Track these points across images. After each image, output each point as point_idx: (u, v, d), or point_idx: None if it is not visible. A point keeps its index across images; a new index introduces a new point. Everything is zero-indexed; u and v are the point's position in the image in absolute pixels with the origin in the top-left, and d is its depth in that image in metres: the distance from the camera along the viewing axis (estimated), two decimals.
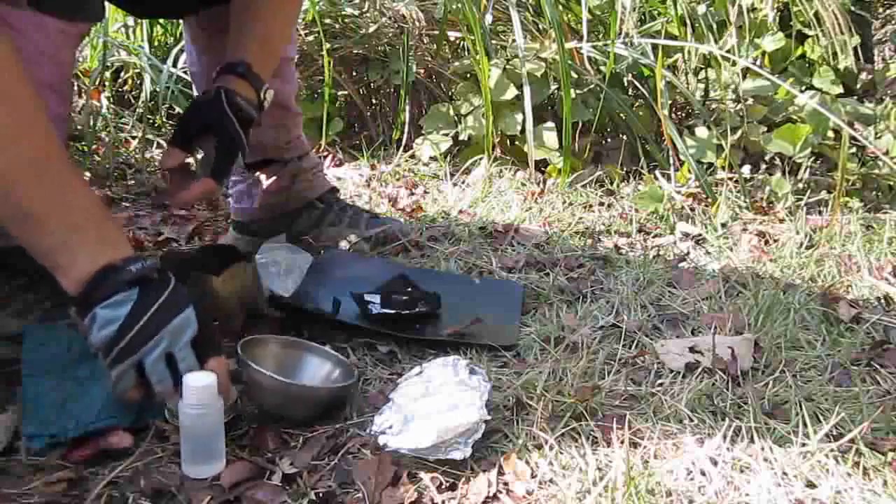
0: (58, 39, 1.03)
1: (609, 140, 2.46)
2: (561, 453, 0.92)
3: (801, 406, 1.00)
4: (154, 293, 0.89)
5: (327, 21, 2.51)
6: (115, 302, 0.88)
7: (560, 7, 2.51)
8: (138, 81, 2.45)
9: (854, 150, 2.18)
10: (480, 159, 2.22)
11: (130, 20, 2.54)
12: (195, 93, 1.56)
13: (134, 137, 2.34)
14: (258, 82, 1.21)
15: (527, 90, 2.13)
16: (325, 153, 2.40)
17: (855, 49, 2.30)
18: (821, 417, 1.00)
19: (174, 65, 2.21)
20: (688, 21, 2.35)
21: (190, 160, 1.24)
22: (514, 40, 2.28)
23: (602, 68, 2.29)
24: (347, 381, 1.04)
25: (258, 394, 0.99)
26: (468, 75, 2.44)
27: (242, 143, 1.18)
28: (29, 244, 0.91)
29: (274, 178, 1.56)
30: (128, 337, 0.87)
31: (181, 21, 1.53)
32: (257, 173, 1.57)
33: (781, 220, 1.87)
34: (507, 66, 2.28)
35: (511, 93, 2.22)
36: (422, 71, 2.55)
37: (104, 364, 0.89)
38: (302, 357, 1.09)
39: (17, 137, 0.86)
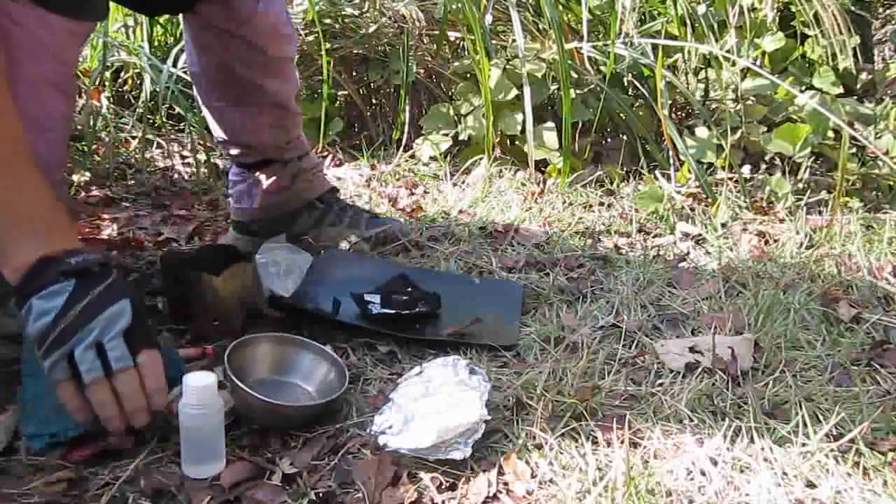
0: (63, 37, 1.03)
1: (609, 140, 2.46)
2: (561, 453, 0.92)
3: (801, 406, 1.00)
4: (91, 285, 0.88)
5: (327, 21, 2.51)
6: (50, 293, 0.86)
7: (560, 7, 2.51)
8: (138, 81, 2.45)
9: (854, 150, 2.18)
10: (480, 159, 2.22)
11: (130, 20, 2.54)
12: (195, 93, 1.56)
13: (134, 137, 2.34)
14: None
15: (527, 90, 2.13)
16: (325, 153, 2.40)
17: (855, 49, 2.30)
18: (821, 417, 1.00)
19: (174, 65, 2.21)
20: (688, 21, 2.35)
21: None
22: (514, 40, 2.28)
23: (602, 68, 2.29)
24: (341, 382, 1.03)
25: (245, 410, 0.97)
26: (468, 75, 2.44)
27: None
28: None
29: (274, 178, 1.56)
30: (60, 327, 0.85)
31: (181, 20, 1.53)
32: (257, 173, 1.57)
33: (781, 220, 1.87)
34: (507, 66, 2.28)
35: (511, 93, 2.22)
36: (422, 71, 2.55)
37: (38, 356, 0.87)
38: (295, 355, 1.08)
39: None
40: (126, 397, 0.88)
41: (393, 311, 1.26)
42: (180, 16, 1.46)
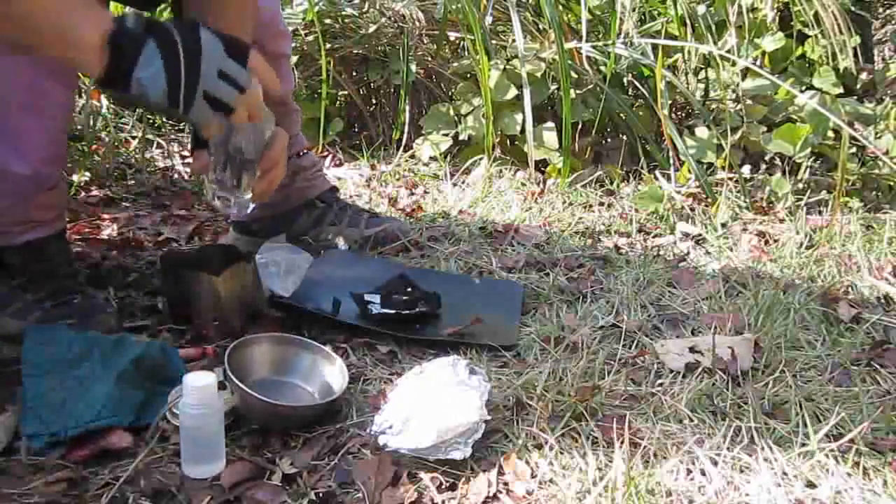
0: None
1: (609, 140, 2.46)
2: (561, 453, 0.92)
3: (801, 406, 1.00)
4: (167, 33, 0.90)
5: (327, 21, 2.51)
6: (146, 59, 0.89)
7: (560, 7, 2.51)
8: None
9: (854, 150, 2.18)
10: (480, 159, 2.22)
11: None
12: None
13: (134, 137, 2.34)
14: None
15: (526, 90, 2.13)
16: (325, 153, 2.40)
17: (855, 49, 2.30)
18: (821, 417, 1.00)
19: None
20: (688, 21, 2.35)
21: None
22: (514, 40, 2.28)
23: (602, 68, 2.29)
24: (339, 384, 1.03)
25: (246, 411, 0.98)
26: (468, 75, 2.44)
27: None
28: (35, 37, 0.90)
29: None
30: (182, 79, 0.89)
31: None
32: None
33: (781, 220, 1.87)
34: (507, 66, 2.28)
35: (511, 93, 2.22)
36: (422, 71, 2.55)
37: (179, 113, 0.92)
38: (295, 355, 1.09)
39: None
40: (257, 96, 0.98)
41: (393, 311, 1.26)
42: None
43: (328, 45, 2.36)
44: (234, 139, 1.06)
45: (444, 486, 0.87)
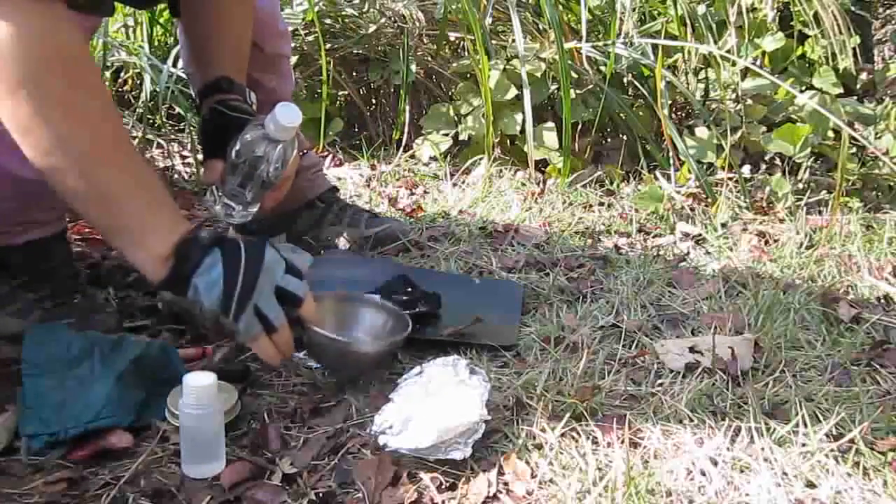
0: None
1: (609, 140, 2.46)
2: (561, 453, 0.92)
3: (801, 406, 1.00)
4: (234, 248, 0.94)
5: (327, 21, 2.51)
6: (206, 267, 0.92)
7: (560, 7, 2.51)
8: (138, 81, 2.45)
9: (854, 150, 2.18)
10: (480, 159, 2.22)
11: (130, 20, 2.54)
12: (193, 93, 1.56)
13: (134, 137, 2.34)
14: (241, 89, 1.23)
15: (526, 90, 2.13)
16: (325, 153, 2.40)
17: (855, 49, 2.30)
18: (821, 417, 1.00)
19: (174, 65, 2.21)
20: (688, 21, 2.35)
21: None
22: (514, 40, 2.27)
23: (602, 68, 2.29)
24: (403, 328, 1.10)
25: (320, 353, 1.06)
26: (468, 75, 2.44)
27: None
28: (105, 224, 0.95)
29: None
30: (237, 289, 0.92)
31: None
32: None
33: (781, 220, 1.87)
34: (507, 67, 2.28)
35: (511, 93, 2.22)
36: (422, 71, 2.55)
37: (229, 322, 0.94)
38: (356, 311, 1.16)
39: (100, 120, 0.91)
40: (309, 316, 1.00)
41: None
42: None
43: (328, 45, 2.36)
44: (262, 166, 1.10)
45: (444, 486, 0.87)
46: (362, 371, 1.08)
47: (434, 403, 0.96)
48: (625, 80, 2.42)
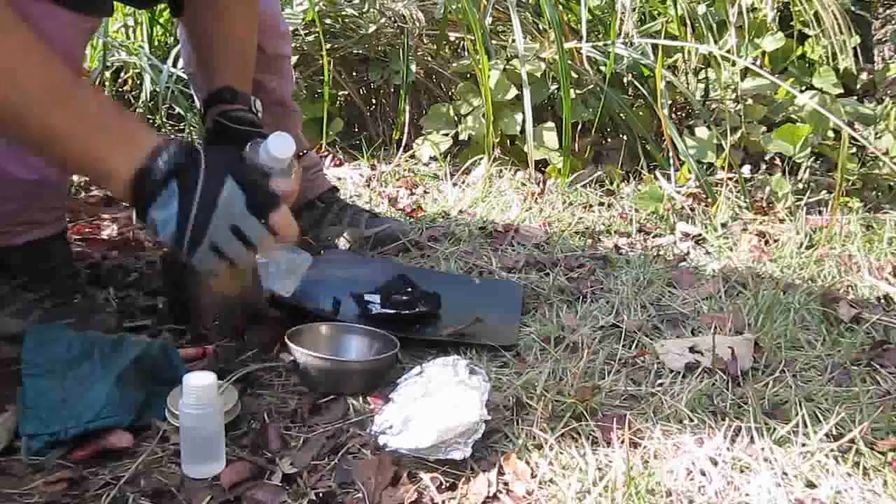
0: (70, 32, 1.03)
1: (609, 140, 2.46)
2: (561, 453, 0.92)
3: (801, 406, 1.00)
4: (191, 179, 0.91)
5: (327, 21, 2.51)
6: (161, 202, 0.91)
7: (560, 7, 2.51)
8: (138, 81, 2.45)
9: (854, 150, 2.18)
10: (480, 159, 2.22)
11: (130, 20, 2.54)
12: (193, 93, 1.56)
13: None
14: (246, 98, 1.23)
15: (526, 90, 2.13)
16: (325, 153, 2.40)
17: (855, 49, 2.30)
18: (821, 417, 1.00)
19: (174, 65, 2.21)
20: (688, 21, 2.35)
21: None
22: (514, 40, 2.28)
23: (602, 68, 2.29)
24: (391, 348, 1.12)
25: (313, 375, 1.06)
26: (468, 75, 2.44)
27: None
28: (62, 164, 0.95)
29: None
30: (189, 227, 0.91)
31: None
32: None
33: (781, 220, 1.87)
34: (507, 66, 2.28)
35: (511, 93, 2.22)
36: (422, 71, 2.55)
37: (184, 257, 0.94)
38: (346, 338, 1.17)
39: (22, 63, 0.87)
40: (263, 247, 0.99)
41: (393, 311, 1.26)
42: None
43: (328, 45, 2.36)
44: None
45: (444, 486, 0.87)
46: (351, 388, 1.07)
47: (434, 403, 0.96)
48: (625, 80, 2.42)
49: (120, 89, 2.54)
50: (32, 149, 0.93)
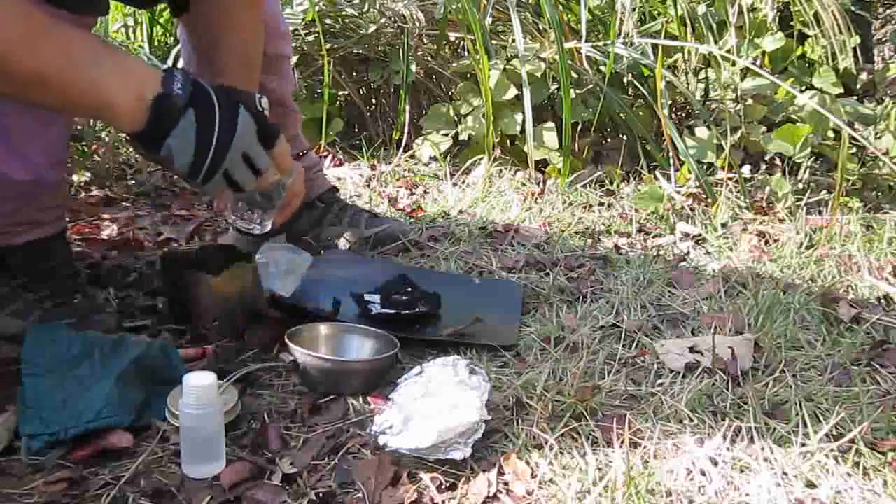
0: None
1: (609, 140, 2.46)
2: (561, 453, 0.92)
3: (801, 406, 1.00)
4: (208, 110, 0.94)
5: (327, 21, 2.51)
6: (181, 129, 0.92)
7: (560, 7, 2.51)
8: None
9: (854, 150, 2.18)
10: (480, 159, 2.22)
11: (130, 20, 2.54)
12: None
13: None
14: (250, 97, 1.22)
15: (526, 90, 2.13)
16: (325, 153, 2.40)
17: (855, 49, 2.30)
18: (821, 417, 1.00)
19: (174, 65, 2.21)
20: (688, 21, 2.35)
21: None
22: (514, 40, 2.28)
23: (602, 68, 2.29)
24: (390, 348, 1.12)
25: (313, 375, 1.06)
26: (468, 75, 2.44)
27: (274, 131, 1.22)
28: (63, 105, 0.94)
29: None
30: (209, 156, 0.94)
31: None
32: None
33: (781, 220, 1.87)
34: (507, 66, 2.28)
35: (511, 93, 2.22)
36: (422, 71, 2.55)
37: (197, 183, 0.97)
38: (346, 338, 1.17)
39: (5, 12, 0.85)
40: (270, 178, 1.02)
41: (393, 311, 1.26)
42: None
43: (328, 46, 2.36)
44: (259, 199, 1.12)
45: (444, 486, 0.87)
46: (351, 388, 1.07)
47: (434, 403, 0.96)
48: (625, 80, 2.42)
49: None
50: (29, 92, 0.90)
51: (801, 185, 2.06)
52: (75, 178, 2.01)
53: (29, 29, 0.86)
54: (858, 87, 2.54)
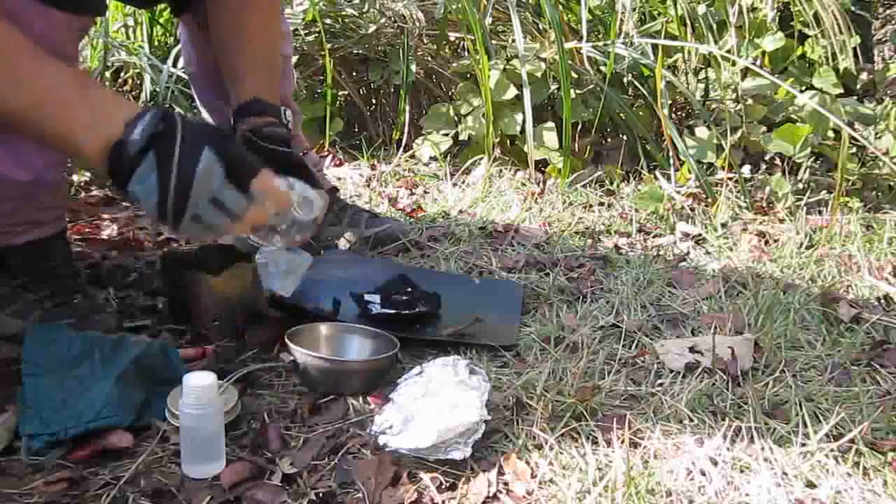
0: (62, 32, 1.03)
1: (609, 140, 2.46)
2: (561, 453, 0.92)
3: (801, 406, 1.00)
4: (168, 152, 0.90)
5: (327, 21, 2.51)
6: (139, 176, 0.90)
7: (560, 7, 2.51)
8: (138, 81, 2.45)
9: (854, 150, 2.18)
10: (480, 159, 2.22)
11: (130, 20, 2.54)
12: (194, 93, 1.56)
13: None
14: (275, 109, 1.23)
15: (526, 90, 2.13)
16: (326, 153, 2.40)
17: (855, 49, 2.30)
18: (821, 417, 1.00)
19: (174, 65, 2.21)
20: (688, 21, 2.35)
21: None
22: (514, 40, 2.28)
23: (602, 68, 2.29)
24: (390, 348, 1.12)
25: (313, 375, 1.06)
26: (468, 75, 2.44)
27: (298, 157, 1.22)
28: (35, 135, 0.93)
29: None
30: (169, 203, 0.90)
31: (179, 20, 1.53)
32: None
33: (781, 220, 1.87)
34: (507, 66, 2.28)
35: (511, 93, 2.22)
36: (422, 71, 2.55)
37: (169, 229, 0.94)
38: (346, 338, 1.17)
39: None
40: (258, 223, 0.98)
41: (393, 311, 1.26)
42: None
43: (328, 45, 2.36)
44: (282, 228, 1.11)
45: (444, 486, 0.87)
46: (350, 388, 1.07)
47: (434, 403, 0.96)
48: (625, 80, 2.42)
49: (120, 89, 2.54)
50: (4, 127, 0.91)
51: (801, 185, 2.06)
52: (75, 178, 2.01)
53: (8, 65, 0.86)
54: (858, 87, 2.54)
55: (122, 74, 2.53)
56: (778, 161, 2.20)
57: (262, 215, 0.97)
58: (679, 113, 2.56)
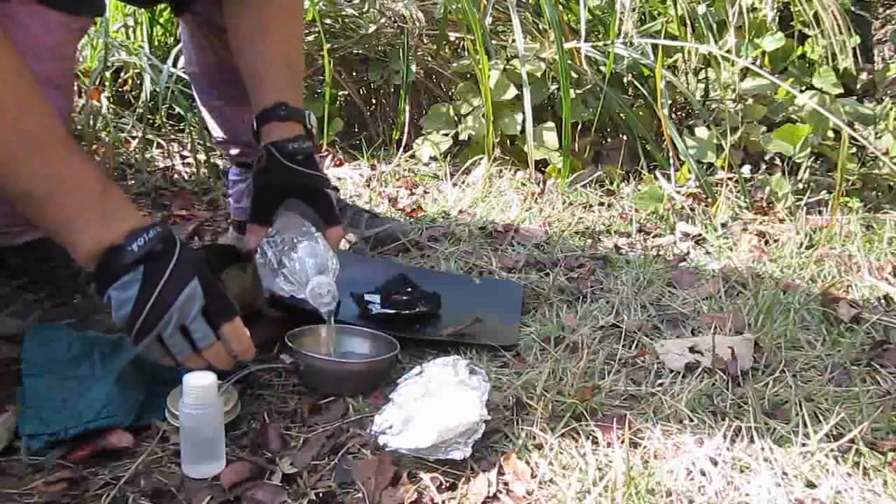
0: (59, 34, 1.02)
1: (609, 140, 2.46)
2: (561, 453, 0.92)
3: (801, 406, 1.00)
4: (159, 270, 0.90)
5: (327, 21, 2.51)
6: (123, 283, 0.89)
7: (560, 7, 2.51)
8: (138, 81, 2.45)
9: (854, 150, 2.18)
10: (480, 159, 2.22)
11: (130, 20, 2.54)
12: (194, 93, 1.56)
13: (134, 137, 2.34)
14: (300, 114, 1.20)
15: (526, 90, 2.13)
16: (326, 153, 2.40)
17: (855, 49, 2.30)
18: (821, 417, 1.00)
19: (174, 65, 2.21)
20: (688, 21, 2.35)
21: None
22: (514, 40, 2.28)
23: (602, 68, 2.29)
24: (391, 349, 1.12)
25: (313, 376, 1.07)
26: (468, 75, 2.44)
27: (325, 180, 1.21)
28: (35, 222, 0.94)
29: None
30: (141, 318, 0.89)
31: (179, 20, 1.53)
32: None
33: (781, 220, 1.87)
34: (507, 66, 2.28)
35: (511, 93, 2.22)
36: (422, 71, 2.55)
37: (130, 340, 0.92)
38: (346, 340, 1.17)
39: (19, 114, 0.86)
40: (217, 364, 0.94)
41: (393, 311, 1.26)
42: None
43: (328, 45, 2.36)
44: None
45: (444, 486, 0.87)
46: (351, 390, 1.07)
47: (434, 403, 0.96)
48: (625, 80, 2.42)
49: (120, 89, 2.54)
50: (8, 198, 0.91)
51: (801, 185, 2.06)
52: None
53: (26, 146, 0.86)
54: (858, 87, 2.55)
55: (122, 74, 2.53)
56: (778, 161, 2.20)
57: (224, 357, 0.95)
58: (679, 113, 2.56)
